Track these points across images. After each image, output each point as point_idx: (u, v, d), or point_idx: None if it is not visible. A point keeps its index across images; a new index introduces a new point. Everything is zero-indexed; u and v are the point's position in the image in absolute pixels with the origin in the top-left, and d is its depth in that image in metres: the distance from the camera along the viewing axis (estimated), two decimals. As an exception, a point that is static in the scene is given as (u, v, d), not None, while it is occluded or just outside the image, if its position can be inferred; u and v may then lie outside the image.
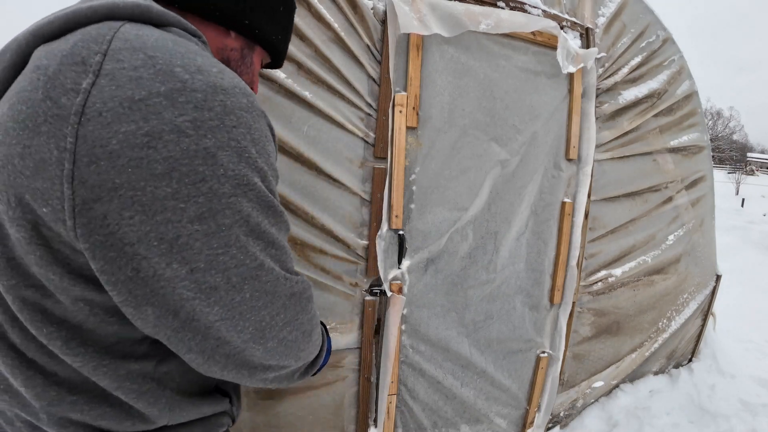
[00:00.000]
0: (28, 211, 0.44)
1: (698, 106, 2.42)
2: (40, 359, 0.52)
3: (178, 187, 0.44)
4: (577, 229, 2.05)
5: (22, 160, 0.43)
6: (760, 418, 2.40)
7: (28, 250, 0.46)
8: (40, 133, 0.42)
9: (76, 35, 0.46)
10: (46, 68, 0.44)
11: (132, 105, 0.43)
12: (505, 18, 1.64)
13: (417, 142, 1.65)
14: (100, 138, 0.42)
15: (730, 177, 24.49)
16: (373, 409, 1.78)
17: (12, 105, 0.45)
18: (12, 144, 0.44)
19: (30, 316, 0.49)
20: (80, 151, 0.42)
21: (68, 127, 0.42)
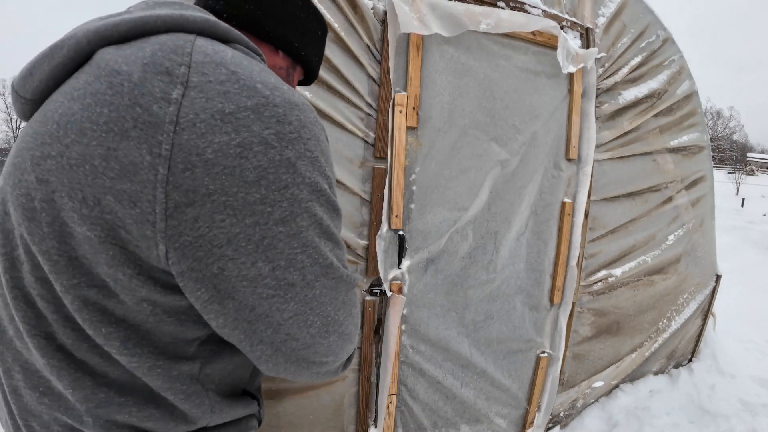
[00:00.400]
0: (107, 212, 0.45)
1: (698, 106, 2.42)
2: (90, 360, 0.52)
3: (266, 193, 0.48)
4: (577, 229, 2.05)
5: (105, 162, 0.45)
6: (760, 418, 2.40)
7: (100, 249, 0.47)
8: (129, 137, 0.44)
9: (151, 44, 0.49)
10: (129, 74, 0.46)
11: (223, 117, 0.46)
12: (505, 18, 1.64)
13: (417, 142, 1.65)
14: (195, 147, 0.45)
15: (730, 177, 24.49)
16: (373, 409, 1.78)
17: (87, 106, 0.46)
18: (91, 145, 0.45)
19: (90, 315, 0.50)
20: (176, 158, 0.44)
21: (163, 134, 0.44)
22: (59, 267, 0.48)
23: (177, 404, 0.56)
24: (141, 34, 0.50)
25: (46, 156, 0.47)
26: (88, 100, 0.46)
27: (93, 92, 0.46)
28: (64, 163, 0.46)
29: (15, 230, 0.51)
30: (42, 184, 0.47)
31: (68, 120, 0.46)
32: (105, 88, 0.46)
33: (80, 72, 0.50)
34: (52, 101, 0.50)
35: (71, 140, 0.46)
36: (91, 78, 0.48)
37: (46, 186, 0.47)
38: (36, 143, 0.48)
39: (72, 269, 0.48)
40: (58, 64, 0.51)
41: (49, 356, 0.51)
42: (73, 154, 0.45)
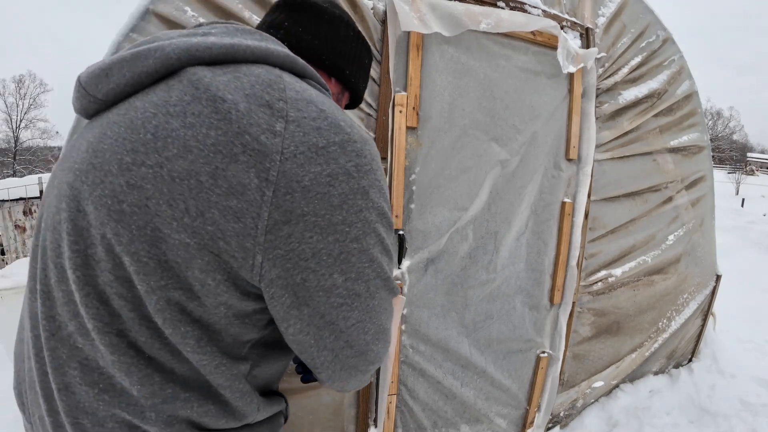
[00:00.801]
0: (210, 223, 0.50)
1: (698, 106, 2.42)
2: (160, 357, 0.55)
3: (346, 216, 0.56)
4: (577, 229, 2.05)
5: (212, 179, 0.50)
6: (760, 418, 2.40)
7: (196, 255, 0.51)
8: (238, 161, 0.50)
9: (245, 74, 0.55)
10: (234, 103, 0.52)
11: (318, 151, 0.53)
12: (505, 18, 1.64)
13: (417, 142, 1.65)
14: (296, 175, 0.52)
15: (730, 177, 24.49)
16: (373, 409, 1.78)
17: (190, 125, 0.51)
18: (197, 162, 0.50)
19: (171, 315, 0.53)
20: (279, 183, 0.51)
21: (271, 162, 0.51)
22: (148, 269, 0.52)
23: (232, 401, 0.60)
24: (231, 61, 0.56)
25: (139, 164, 0.51)
26: (191, 119, 0.51)
27: (195, 113, 0.51)
28: (164, 174, 0.50)
29: (93, 229, 0.53)
30: (133, 189, 0.51)
31: (167, 134, 0.51)
32: (210, 112, 0.51)
33: (169, 86, 0.54)
34: (138, 109, 0.54)
35: (173, 154, 0.50)
36: (187, 97, 0.53)
37: (139, 192, 0.50)
38: (124, 149, 0.52)
39: (161, 272, 0.52)
40: (141, 73, 0.55)
41: (120, 353, 0.54)
42: (176, 168, 0.50)
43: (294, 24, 0.73)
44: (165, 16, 1.25)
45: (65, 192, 0.55)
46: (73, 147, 0.59)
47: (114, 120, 0.55)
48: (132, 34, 1.24)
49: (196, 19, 1.27)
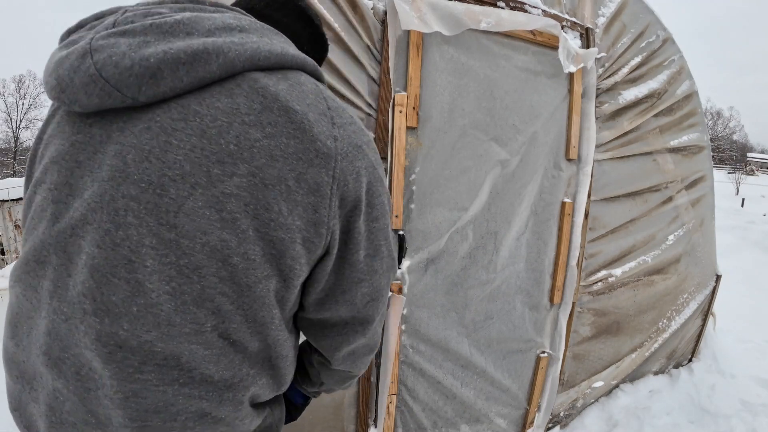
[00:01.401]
0: (298, 219, 0.59)
1: (698, 106, 2.42)
2: (244, 339, 0.60)
3: (371, 199, 0.67)
4: (577, 229, 2.05)
5: (297, 182, 0.58)
6: (760, 418, 2.40)
7: (289, 247, 0.59)
8: (314, 165, 0.59)
9: (297, 82, 0.62)
10: (304, 114, 0.59)
11: (357, 149, 0.64)
12: (506, 17, 1.64)
13: (417, 142, 1.65)
14: (348, 170, 0.62)
15: (730, 177, 24.49)
16: (373, 409, 1.78)
17: (270, 135, 0.57)
18: (284, 169, 0.57)
19: (269, 300, 0.61)
20: (339, 177, 0.61)
21: (334, 162, 0.61)
22: (255, 264, 0.58)
23: (284, 370, 0.68)
24: (281, 68, 0.62)
25: (230, 174, 0.55)
26: (269, 129, 0.57)
27: (272, 123, 0.57)
28: (257, 182, 0.56)
29: (186, 239, 0.54)
30: (230, 197, 0.55)
31: (251, 144, 0.56)
32: (285, 122, 0.58)
33: (230, 92, 0.56)
34: (203, 116, 0.55)
35: (263, 163, 0.56)
36: (257, 105, 0.57)
37: (237, 199, 0.55)
38: (209, 160, 0.54)
39: (264, 264, 0.58)
40: (202, 79, 0.55)
41: (214, 347, 0.57)
42: (267, 175, 0.56)
43: (280, 15, 0.77)
44: (165, 16, 1.25)
45: (130, 206, 0.53)
46: (97, 150, 0.55)
47: (172, 126, 0.54)
48: (132, 34, 1.24)
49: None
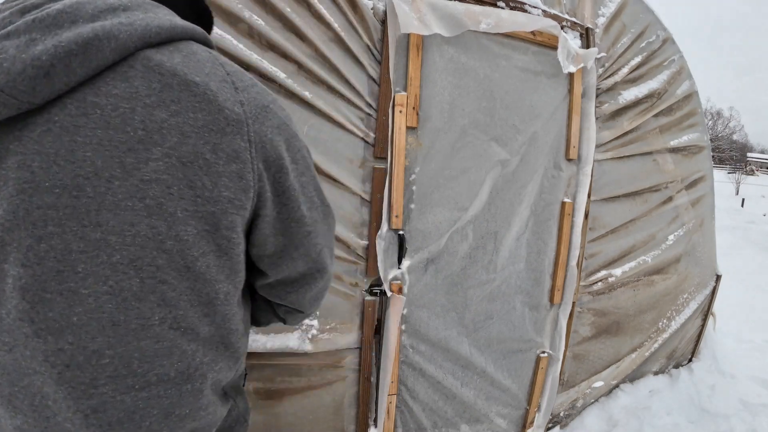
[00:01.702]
0: (224, 189, 0.58)
1: (698, 106, 2.42)
2: (190, 324, 0.59)
3: (293, 154, 0.67)
4: (577, 229, 2.05)
5: (214, 154, 0.57)
6: (760, 418, 2.40)
7: (223, 218, 0.59)
8: (226, 132, 0.58)
9: (190, 52, 0.59)
10: (206, 85, 0.57)
11: (266, 110, 0.63)
12: (506, 18, 1.64)
13: (417, 142, 1.65)
14: (261, 132, 0.62)
15: (730, 177, 24.48)
16: (373, 409, 1.78)
17: (176, 112, 0.55)
18: (198, 143, 0.56)
19: (210, 277, 0.60)
20: (255, 141, 0.61)
21: (246, 126, 0.60)
22: (189, 244, 0.57)
23: (237, 345, 0.68)
24: (170, 41, 0.59)
25: (145, 160, 0.53)
26: (174, 107, 0.54)
27: (175, 100, 0.55)
28: (174, 162, 0.54)
29: (116, 236, 0.52)
30: (151, 183, 0.53)
31: (160, 126, 0.54)
32: (188, 96, 0.55)
33: (124, 75, 0.53)
34: (103, 106, 0.52)
35: (175, 142, 0.54)
36: (156, 84, 0.54)
37: (158, 183, 0.54)
38: (119, 150, 0.52)
39: (200, 242, 0.57)
40: (96, 67, 0.51)
41: (163, 339, 0.57)
42: (182, 154, 0.55)
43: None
44: (165, 16, 1.25)
45: (48, 215, 0.50)
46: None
47: (73, 123, 0.51)
48: (132, 34, 1.24)
49: (196, 19, 1.27)
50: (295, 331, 1.54)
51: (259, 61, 1.34)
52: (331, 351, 1.62)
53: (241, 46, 1.32)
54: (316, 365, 1.61)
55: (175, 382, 0.58)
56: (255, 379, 1.53)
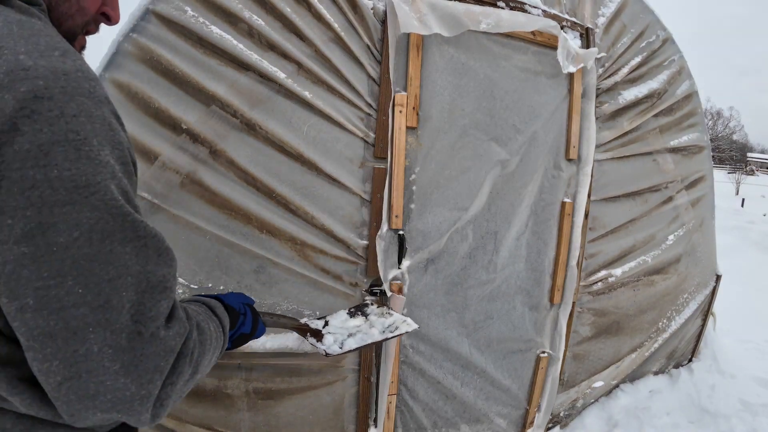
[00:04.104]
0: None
1: (698, 106, 2.42)
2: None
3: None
4: (577, 229, 2.05)
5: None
6: (760, 418, 2.40)
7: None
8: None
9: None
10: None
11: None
12: (506, 18, 1.64)
13: (417, 142, 1.65)
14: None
15: (730, 177, 24.47)
16: (373, 409, 1.78)
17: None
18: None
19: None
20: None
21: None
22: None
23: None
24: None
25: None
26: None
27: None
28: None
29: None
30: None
31: None
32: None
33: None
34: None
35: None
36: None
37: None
38: None
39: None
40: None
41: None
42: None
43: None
44: (165, 16, 1.25)
45: None
46: None
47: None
48: (132, 34, 1.24)
49: (196, 19, 1.27)
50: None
51: (259, 61, 1.34)
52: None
53: (241, 46, 1.32)
54: (316, 365, 1.61)
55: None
56: (255, 379, 1.53)
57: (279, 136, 1.40)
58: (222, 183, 1.36)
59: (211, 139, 1.33)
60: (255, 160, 1.39)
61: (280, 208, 1.45)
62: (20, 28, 0.45)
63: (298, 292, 1.52)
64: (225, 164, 1.36)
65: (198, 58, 1.29)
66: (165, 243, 0.54)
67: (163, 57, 1.26)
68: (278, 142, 1.41)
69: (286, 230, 1.46)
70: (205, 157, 1.34)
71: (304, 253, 1.51)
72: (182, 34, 1.27)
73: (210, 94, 1.31)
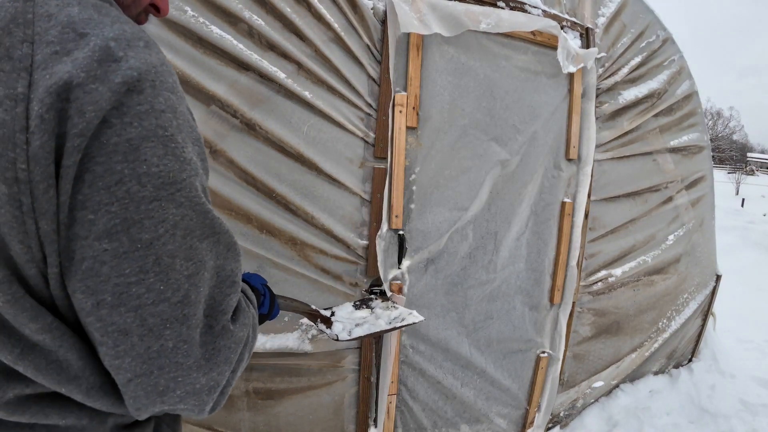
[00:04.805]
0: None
1: (698, 105, 2.42)
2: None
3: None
4: (577, 229, 2.05)
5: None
6: (760, 418, 2.40)
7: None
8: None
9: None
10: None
11: (70, 94, 0.40)
12: (506, 18, 1.64)
13: (417, 142, 1.65)
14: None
15: (730, 177, 24.48)
16: (373, 409, 1.78)
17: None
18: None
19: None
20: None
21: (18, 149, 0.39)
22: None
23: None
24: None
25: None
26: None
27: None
28: None
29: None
30: None
31: None
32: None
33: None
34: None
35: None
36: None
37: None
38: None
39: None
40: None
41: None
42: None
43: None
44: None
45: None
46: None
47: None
48: (132, 34, 1.24)
49: (196, 19, 1.27)
50: (295, 331, 1.55)
51: (259, 61, 1.34)
52: (331, 351, 1.62)
53: (241, 46, 1.32)
54: (316, 365, 1.61)
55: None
56: (255, 379, 1.53)
57: (279, 136, 1.40)
58: (222, 183, 1.36)
59: (211, 139, 1.33)
60: (255, 160, 1.39)
61: (280, 208, 1.45)
62: (99, 13, 0.44)
63: (298, 292, 1.52)
64: (225, 164, 1.36)
65: (198, 58, 1.29)
66: (234, 238, 0.54)
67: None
68: (278, 142, 1.41)
69: (286, 230, 1.46)
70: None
71: (304, 253, 1.51)
72: (182, 34, 1.27)
73: (210, 94, 1.31)
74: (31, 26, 0.40)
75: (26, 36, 0.40)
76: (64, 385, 0.46)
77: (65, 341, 0.45)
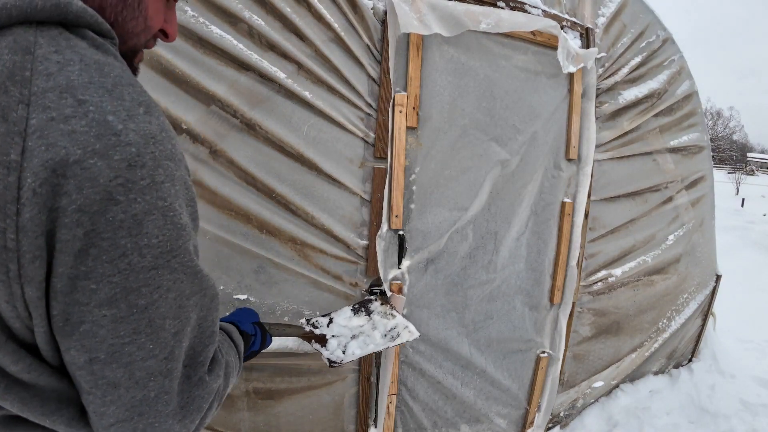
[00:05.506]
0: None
1: (698, 106, 2.42)
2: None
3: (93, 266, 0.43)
4: (577, 229, 2.05)
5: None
6: (760, 418, 2.40)
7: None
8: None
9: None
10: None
11: (66, 170, 0.40)
12: (506, 18, 1.64)
13: (417, 142, 1.65)
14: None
15: (730, 177, 24.48)
16: (373, 409, 1.78)
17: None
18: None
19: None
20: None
21: (8, 220, 0.39)
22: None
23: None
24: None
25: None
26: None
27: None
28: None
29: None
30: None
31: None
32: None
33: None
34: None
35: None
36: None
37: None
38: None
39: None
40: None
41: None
42: None
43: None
44: (165, 16, 1.25)
45: None
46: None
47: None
48: (132, 34, 1.24)
49: (196, 19, 1.27)
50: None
51: (259, 61, 1.34)
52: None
53: (241, 46, 1.32)
54: (316, 365, 1.61)
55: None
56: (255, 379, 1.53)
57: (279, 136, 1.40)
58: (222, 183, 1.36)
59: (211, 139, 1.33)
60: (255, 160, 1.39)
61: (280, 208, 1.45)
62: (100, 74, 0.44)
63: (298, 292, 1.52)
64: (225, 164, 1.36)
65: (198, 58, 1.29)
66: (216, 290, 0.56)
67: (163, 57, 1.26)
68: (278, 142, 1.41)
69: (286, 230, 1.46)
70: (205, 157, 1.34)
71: (304, 253, 1.51)
72: (182, 34, 1.27)
73: (210, 94, 1.31)
74: (29, 85, 0.40)
75: (23, 97, 0.40)
76: (48, 417, 0.48)
77: (44, 379, 0.47)
